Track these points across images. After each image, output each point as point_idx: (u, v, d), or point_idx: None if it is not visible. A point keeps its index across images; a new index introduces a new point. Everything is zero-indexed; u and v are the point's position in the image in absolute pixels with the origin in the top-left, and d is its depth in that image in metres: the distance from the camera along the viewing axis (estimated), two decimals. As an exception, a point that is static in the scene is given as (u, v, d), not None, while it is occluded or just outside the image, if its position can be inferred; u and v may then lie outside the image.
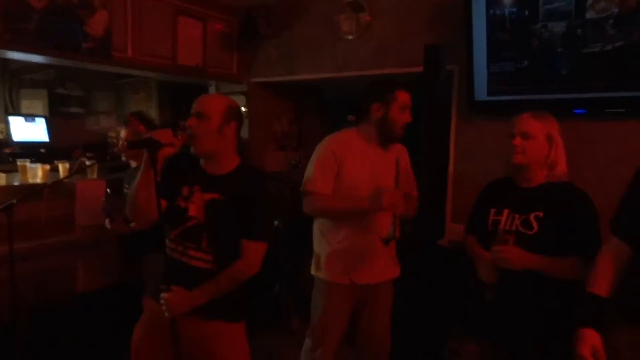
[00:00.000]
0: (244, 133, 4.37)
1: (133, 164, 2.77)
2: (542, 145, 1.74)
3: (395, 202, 1.90)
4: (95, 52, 3.20)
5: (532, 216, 1.71)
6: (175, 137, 1.64)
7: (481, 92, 2.94)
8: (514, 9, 2.71)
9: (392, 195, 1.91)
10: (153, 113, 5.25)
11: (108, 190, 2.57)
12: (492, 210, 1.82)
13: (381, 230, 2.08)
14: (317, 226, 2.29)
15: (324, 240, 2.23)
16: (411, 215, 2.15)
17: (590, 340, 1.38)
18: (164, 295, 1.68)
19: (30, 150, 4.23)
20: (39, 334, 2.63)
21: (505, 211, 1.78)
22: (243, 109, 4.38)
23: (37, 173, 3.00)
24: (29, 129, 4.58)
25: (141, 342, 1.84)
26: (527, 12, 2.67)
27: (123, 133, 2.88)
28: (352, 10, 3.61)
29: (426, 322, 2.80)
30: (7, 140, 4.52)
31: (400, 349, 2.50)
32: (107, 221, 2.59)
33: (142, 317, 1.87)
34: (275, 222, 3.36)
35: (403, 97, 2.13)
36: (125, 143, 1.96)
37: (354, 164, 2.14)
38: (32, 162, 3.18)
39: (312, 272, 2.30)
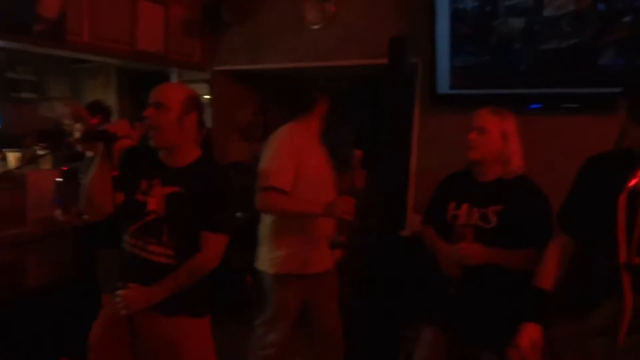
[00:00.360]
0: (207, 122, 4.28)
1: (89, 153, 2.65)
2: (496, 140, 1.77)
3: (347, 209, 1.96)
4: (48, 35, 3.03)
5: (490, 210, 1.75)
6: (133, 128, 1.58)
7: (444, 85, 2.98)
8: (477, 4, 2.76)
9: (345, 204, 1.96)
10: (112, 101, 5.07)
11: (59, 179, 2.44)
12: (452, 204, 1.86)
13: (327, 234, 2.20)
14: (266, 220, 2.28)
15: (273, 234, 2.24)
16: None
17: (530, 333, 1.42)
18: (120, 292, 1.62)
19: (-23, 137, 4.01)
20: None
21: (464, 205, 1.82)
22: (206, 96, 4.29)
23: (-17, 163, 2.84)
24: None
25: (99, 339, 1.78)
26: (488, 8, 2.72)
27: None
28: (317, 0, 3.57)
29: (385, 313, 2.85)
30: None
31: (358, 338, 2.54)
32: (58, 212, 2.47)
33: (102, 314, 1.81)
34: (238, 214, 3.32)
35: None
36: (79, 135, 1.87)
37: (314, 161, 2.18)
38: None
39: (261, 267, 2.28)
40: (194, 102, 1.72)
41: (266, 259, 2.26)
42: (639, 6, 2.32)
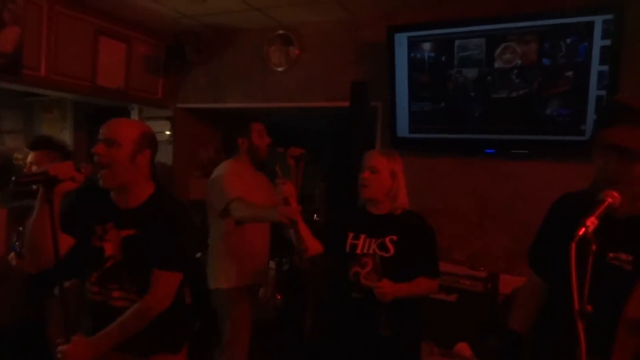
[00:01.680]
0: (168, 159, 4.22)
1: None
2: (386, 179, 1.93)
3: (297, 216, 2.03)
4: (3, 69, 2.95)
5: (387, 239, 1.90)
6: (78, 170, 1.49)
7: (403, 129, 3.09)
8: (433, 54, 2.91)
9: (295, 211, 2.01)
10: (67, 135, 4.90)
11: (21, 228, 2.33)
12: (350, 234, 1.97)
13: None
14: (216, 237, 2.55)
15: (222, 252, 2.52)
16: None
17: None
18: (61, 348, 1.49)
19: None
20: None
21: (362, 236, 1.95)
22: (167, 132, 4.24)
23: None
24: None
25: None
26: (443, 58, 2.88)
27: (31, 157, 2.65)
28: (282, 43, 3.67)
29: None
30: None
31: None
32: (11, 256, 2.34)
33: None
34: (198, 255, 3.24)
35: (256, 126, 2.59)
36: (13, 179, 1.67)
37: (248, 186, 2.44)
38: None
39: (213, 285, 2.53)
40: (148, 139, 1.66)
41: (219, 276, 2.51)
42: (580, 62, 2.52)
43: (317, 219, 4.06)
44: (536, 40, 2.62)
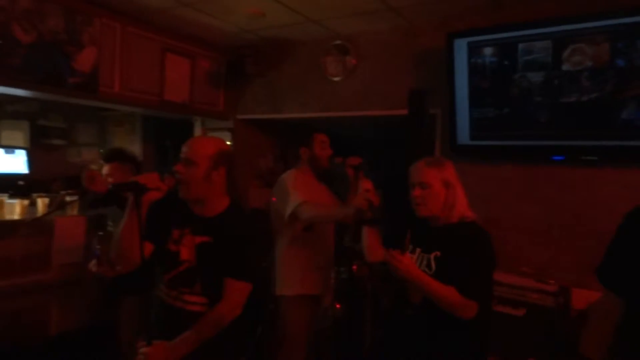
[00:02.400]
0: (229, 169, 4.36)
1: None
2: (440, 193, 1.77)
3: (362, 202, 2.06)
4: (82, 87, 3.19)
5: (432, 256, 1.76)
6: (162, 181, 1.63)
7: (464, 136, 3.02)
8: (495, 59, 2.83)
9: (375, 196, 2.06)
10: (136, 147, 5.22)
11: (101, 232, 2.51)
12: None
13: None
14: (282, 245, 2.58)
15: (287, 259, 2.56)
16: None
17: None
18: (143, 350, 1.60)
19: (8, 182, 4.14)
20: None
21: (418, 250, 1.82)
22: (227, 143, 4.39)
23: (14, 209, 2.92)
24: (7, 161, 4.50)
25: None
26: (506, 62, 2.79)
27: (106, 169, 2.84)
28: (338, 53, 3.71)
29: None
30: (-16, 172, 4.43)
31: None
32: (93, 263, 2.51)
33: None
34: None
35: (319, 137, 2.62)
36: (109, 186, 1.93)
37: (312, 193, 2.49)
38: (10, 195, 3.11)
39: (278, 292, 2.58)
40: (223, 157, 1.77)
41: (285, 282, 2.55)
42: (658, 62, 2.35)
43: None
44: (608, 40, 2.47)
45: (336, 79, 3.74)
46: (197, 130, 4.45)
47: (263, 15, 3.34)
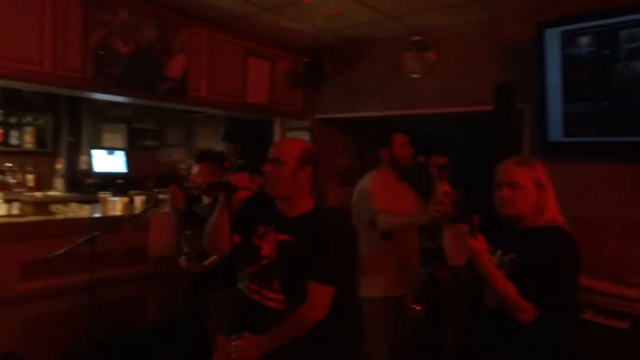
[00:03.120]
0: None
1: (206, 199, 2.88)
2: (531, 194, 1.66)
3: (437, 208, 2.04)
4: (173, 92, 3.42)
5: (507, 259, 1.67)
6: (252, 181, 1.70)
7: (555, 132, 2.82)
8: (592, 49, 2.61)
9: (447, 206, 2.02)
10: (220, 147, 5.48)
11: (188, 231, 2.70)
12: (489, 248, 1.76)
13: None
14: (366, 246, 2.56)
15: (372, 261, 2.53)
16: None
17: None
18: (235, 342, 1.70)
19: (110, 180, 4.55)
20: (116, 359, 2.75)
21: (499, 252, 1.72)
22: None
23: (116, 206, 3.20)
24: (109, 161, 4.94)
25: None
26: (606, 52, 2.56)
27: (195, 169, 3.01)
28: (417, 49, 3.63)
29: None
30: (90, 171, 4.90)
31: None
32: (182, 259, 2.69)
33: (216, 355, 1.89)
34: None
35: (399, 137, 2.57)
36: (204, 185, 2.09)
37: (393, 196, 2.47)
38: (112, 194, 3.41)
39: (362, 293, 2.56)
40: (310, 157, 1.81)
41: (370, 284, 2.53)
42: None
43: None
44: None
45: (415, 75, 3.66)
46: (277, 130, 4.58)
47: (341, 15, 3.36)
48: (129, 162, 5.07)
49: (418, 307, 3.38)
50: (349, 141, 4.76)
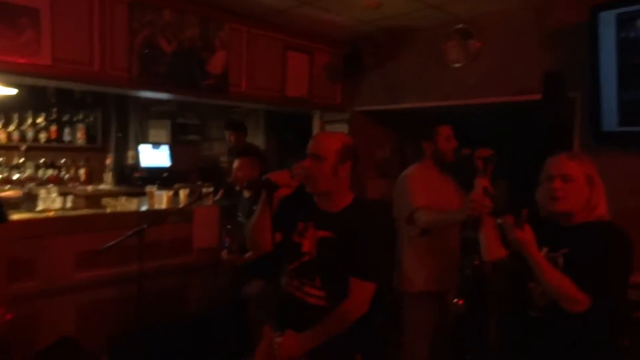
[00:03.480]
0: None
1: (246, 194, 2.93)
2: (583, 188, 1.62)
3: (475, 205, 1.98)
4: (214, 88, 3.48)
5: (559, 254, 1.62)
6: (292, 178, 1.70)
7: (610, 122, 2.67)
8: (652, 31, 2.44)
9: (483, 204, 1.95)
10: (260, 140, 5.55)
11: (229, 226, 2.76)
12: None
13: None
14: (404, 241, 2.53)
15: (410, 255, 2.51)
16: None
17: None
18: (277, 339, 1.72)
19: (155, 174, 4.70)
20: (159, 346, 2.86)
21: (545, 249, 1.65)
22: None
23: (162, 199, 3.31)
24: (154, 156, 5.10)
25: None
26: (667, 34, 2.39)
27: (236, 163, 3.07)
28: (460, 37, 3.52)
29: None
30: (137, 166, 5.08)
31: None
32: (224, 252, 2.75)
33: (261, 344, 1.93)
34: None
35: (443, 130, 2.49)
36: (245, 183, 2.18)
37: (433, 191, 2.42)
38: (158, 187, 3.53)
39: (400, 287, 2.54)
40: (349, 151, 1.79)
41: (410, 278, 2.50)
42: None
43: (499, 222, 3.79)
44: None
45: (457, 65, 3.56)
46: (316, 123, 4.58)
47: (380, 6, 3.30)
48: (173, 156, 5.22)
49: (460, 302, 3.32)
50: (389, 133, 4.70)
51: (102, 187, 4.81)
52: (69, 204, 3.47)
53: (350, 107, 4.39)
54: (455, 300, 3.29)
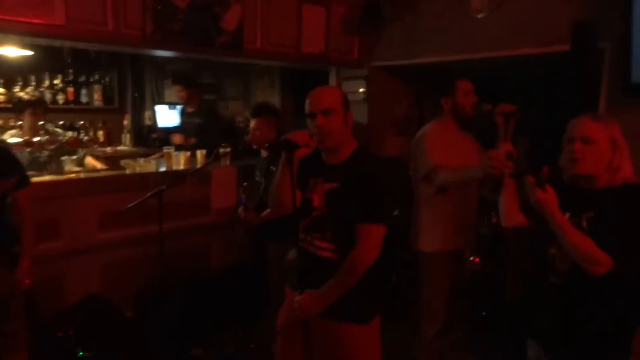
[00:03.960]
0: (363, 118, 4.34)
1: (264, 153, 2.91)
2: (605, 151, 1.57)
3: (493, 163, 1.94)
4: (229, 45, 3.40)
5: (584, 217, 1.58)
6: (311, 137, 1.68)
7: (641, 73, 2.54)
8: (693, -27, 2.27)
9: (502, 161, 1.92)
10: (276, 99, 5.47)
11: (245, 183, 2.76)
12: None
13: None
14: (420, 199, 2.52)
15: (426, 214, 2.50)
16: None
17: None
18: (297, 298, 1.74)
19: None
20: (183, 303, 2.96)
21: (567, 214, 1.61)
22: (361, 90, 4.35)
23: (180, 160, 3.33)
24: (171, 116, 5.09)
25: (284, 325, 1.93)
26: None
27: (253, 123, 3.04)
28: (483, -15, 3.34)
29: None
30: (154, 127, 5.10)
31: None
32: (240, 209, 2.77)
33: (285, 303, 1.97)
34: (395, 212, 3.32)
35: (463, 84, 2.43)
36: (266, 144, 2.18)
37: (452, 149, 2.37)
38: (175, 148, 3.53)
39: (416, 247, 2.55)
40: (347, 101, 1.81)
41: (429, 237, 2.49)
42: None
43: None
44: None
45: (480, 15, 3.39)
46: (332, 80, 4.48)
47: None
48: (190, 116, 5.20)
49: (477, 260, 3.32)
50: (407, 90, 4.58)
51: (121, 148, 4.86)
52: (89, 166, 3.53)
53: (368, 62, 4.26)
54: (471, 258, 3.29)
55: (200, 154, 3.51)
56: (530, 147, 4.14)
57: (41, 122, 3.50)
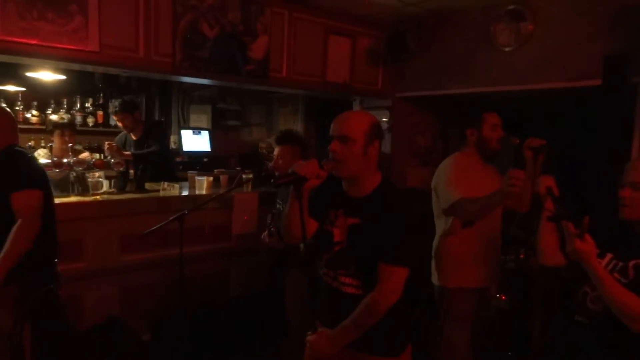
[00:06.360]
0: (387, 148, 4.32)
1: (286, 181, 2.91)
2: None
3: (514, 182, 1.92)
4: (255, 73, 3.46)
5: (631, 264, 1.54)
6: (321, 168, 1.61)
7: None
8: None
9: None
10: (299, 126, 5.52)
11: (274, 210, 2.76)
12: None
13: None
14: (442, 233, 2.44)
15: (448, 249, 2.42)
16: None
17: None
18: (309, 337, 1.69)
19: (196, 159, 4.77)
20: (201, 328, 2.92)
21: (609, 255, 1.59)
22: (384, 119, 4.34)
23: (203, 185, 3.34)
24: (195, 141, 5.17)
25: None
26: None
27: (277, 150, 3.04)
28: (511, 20, 3.33)
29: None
30: (178, 150, 5.17)
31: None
32: (265, 234, 2.76)
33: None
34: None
35: (490, 117, 2.39)
36: (272, 181, 2.10)
37: (475, 183, 2.29)
38: (198, 172, 3.56)
39: (437, 281, 2.48)
40: (376, 130, 1.69)
41: (450, 272, 2.42)
42: None
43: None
44: None
45: (508, 49, 3.38)
46: (356, 110, 4.50)
47: (427, -14, 3.17)
48: (213, 141, 5.28)
49: (503, 297, 3.20)
50: (431, 120, 4.57)
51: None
52: (114, 188, 3.57)
53: (392, 93, 4.27)
54: (497, 295, 3.18)
55: (222, 178, 3.53)
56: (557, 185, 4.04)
57: (70, 145, 3.58)
